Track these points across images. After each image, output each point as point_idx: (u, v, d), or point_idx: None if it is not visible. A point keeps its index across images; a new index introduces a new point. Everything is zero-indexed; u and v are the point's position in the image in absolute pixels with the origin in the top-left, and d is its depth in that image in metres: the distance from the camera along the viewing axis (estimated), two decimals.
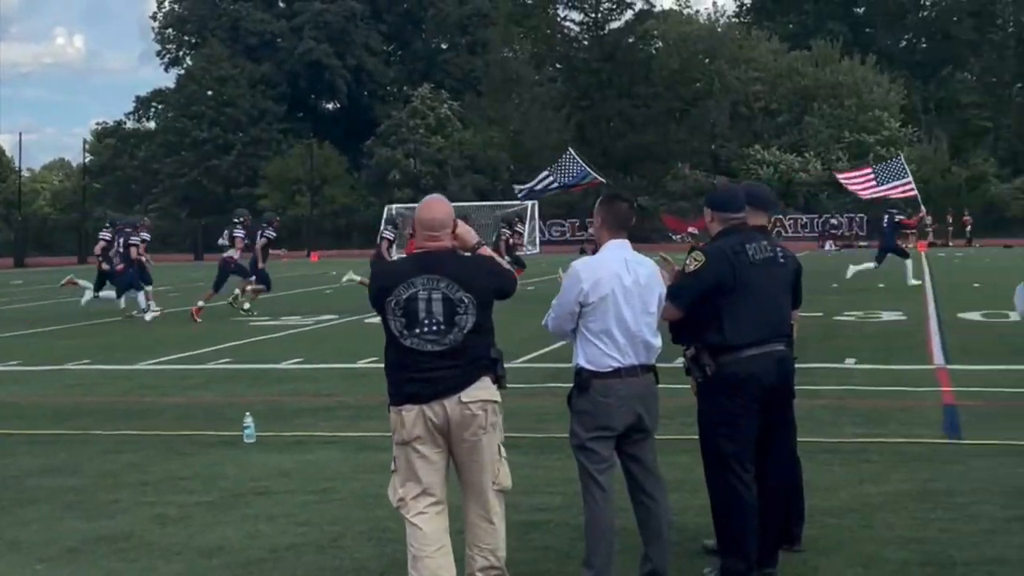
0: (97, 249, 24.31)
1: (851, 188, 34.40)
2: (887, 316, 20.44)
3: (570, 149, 38.47)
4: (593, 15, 75.50)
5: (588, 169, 34.91)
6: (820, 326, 18.78)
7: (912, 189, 30.88)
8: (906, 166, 31.20)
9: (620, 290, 6.12)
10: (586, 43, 76.39)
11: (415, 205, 6.04)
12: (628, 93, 70.28)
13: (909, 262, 28.08)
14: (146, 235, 24.20)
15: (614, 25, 75.15)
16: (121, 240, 23.62)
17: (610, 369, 6.08)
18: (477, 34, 79.96)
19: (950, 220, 58.53)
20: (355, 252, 60.31)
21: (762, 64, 73.40)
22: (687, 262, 6.48)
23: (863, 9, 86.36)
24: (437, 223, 5.91)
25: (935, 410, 11.33)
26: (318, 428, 11.08)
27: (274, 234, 24.78)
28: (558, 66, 78.97)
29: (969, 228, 56.78)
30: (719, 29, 79.14)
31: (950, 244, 57.49)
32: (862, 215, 61.12)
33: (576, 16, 77.28)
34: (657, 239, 46.46)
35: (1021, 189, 64.76)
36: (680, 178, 64.68)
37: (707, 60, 74.54)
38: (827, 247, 55.43)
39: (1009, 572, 6.51)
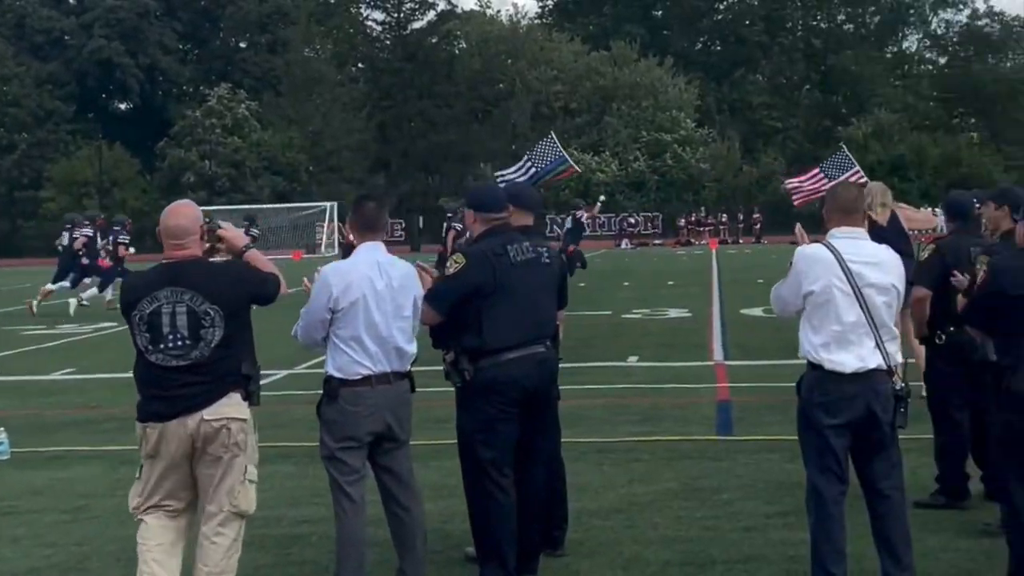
0: (78, 245, 24.33)
1: (802, 194, 34.38)
2: (673, 313, 20.79)
3: (551, 134, 38.03)
4: (396, 15, 75.16)
5: (565, 156, 34.58)
6: (608, 324, 19.00)
7: (862, 176, 31.91)
8: (851, 156, 32.25)
9: (372, 294, 5.94)
10: (388, 43, 75.99)
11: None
12: (430, 93, 70.20)
13: None
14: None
15: (416, 25, 74.97)
16: (111, 238, 24.85)
17: (359, 377, 5.91)
18: (277, 33, 78.74)
19: (740, 217, 60.34)
20: (147, 257, 58.55)
21: (563, 65, 74.29)
22: (447, 264, 6.34)
23: (661, 12, 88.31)
24: (181, 230, 5.64)
25: (710, 407, 11.49)
26: (80, 442, 10.58)
27: (127, 238, 25.04)
28: (360, 66, 78.40)
29: (759, 226, 58.58)
30: (521, 30, 79.87)
31: (740, 241, 59.22)
32: (658, 213, 62.56)
33: (379, 16, 76.88)
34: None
35: None
36: (481, 178, 64.95)
37: (509, 61, 75.08)
38: (624, 245, 56.38)
39: (767, 569, 6.56)
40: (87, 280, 24.69)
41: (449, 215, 19.58)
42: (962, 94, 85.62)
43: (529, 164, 35.37)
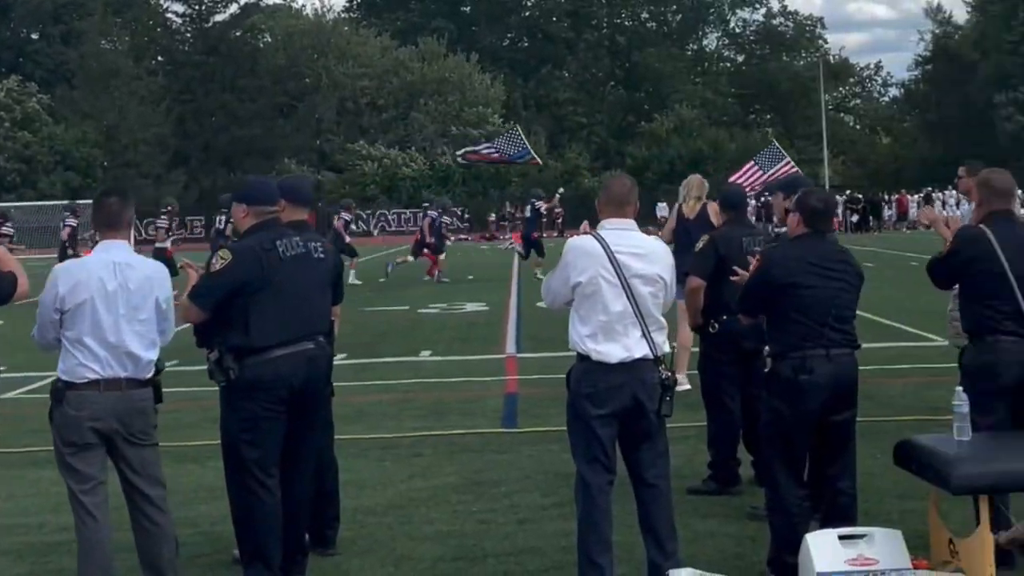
0: (64, 235, 24.60)
1: (745, 182, 35.93)
2: (471, 308, 20.77)
3: (517, 127, 38.65)
4: (197, 7, 73.43)
5: (528, 148, 35.58)
6: (404, 320, 18.88)
7: (794, 167, 33.15)
8: (781, 149, 33.43)
9: (101, 296, 5.66)
10: (189, 36, 74.24)
11: None
12: (233, 87, 68.81)
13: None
14: None
15: (219, 18, 73.43)
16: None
17: (86, 380, 5.63)
18: (72, 24, 76.09)
19: (545, 211, 60.83)
20: None
21: (370, 60, 73.79)
22: (213, 260, 6.11)
23: (469, 8, 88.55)
24: None
25: (497, 400, 11.47)
26: None
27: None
28: (159, 59, 76.40)
29: (560, 220, 59.19)
30: (328, 24, 79.04)
31: (543, 235, 59.65)
32: (463, 208, 62.62)
33: (179, 8, 74.97)
34: None
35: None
36: (285, 174, 64.12)
37: (315, 56, 74.21)
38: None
39: (538, 560, 6.54)
40: None
41: (224, 209, 19.27)
42: (758, 91, 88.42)
43: (493, 149, 36.28)
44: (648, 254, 5.85)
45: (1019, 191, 10.26)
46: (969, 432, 5.59)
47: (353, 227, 29.74)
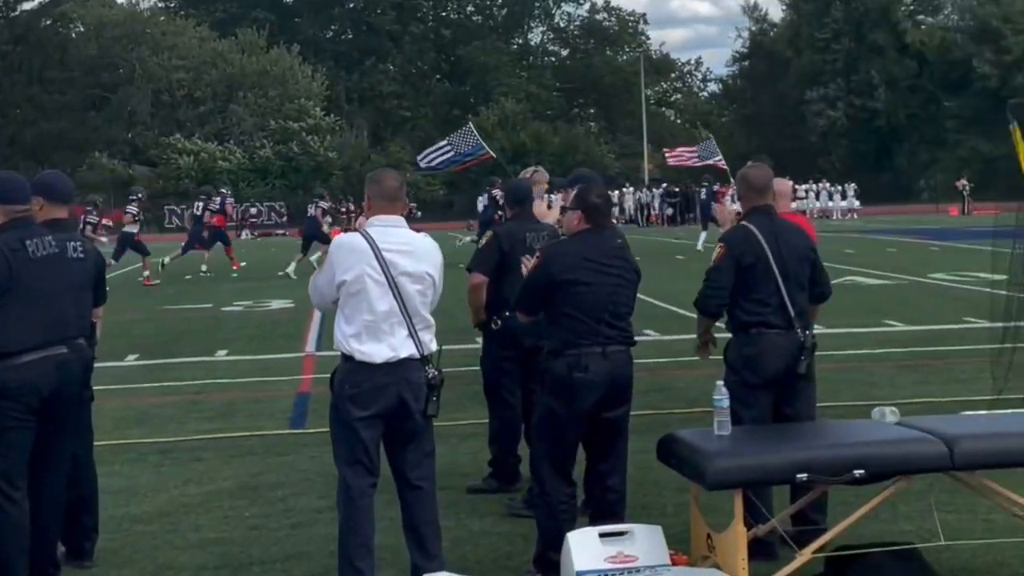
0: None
1: (678, 159, 42.18)
2: (276, 305, 20.33)
3: (469, 123, 40.49)
4: None
5: (482, 143, 37.02)
6: (205, 318, 18.42)
7: (723, 164, 35.74)
8: (716, 146, 38.55)
9: None
10: None
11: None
12: (41, 79, 66.26)
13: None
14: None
15: (27, 6, 70.72)
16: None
17: None
18: None
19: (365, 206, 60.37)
20: None
21: (187, 51, 72.03)
22: None
23: None
24: None
25: (288, 400, 11.21)
26: None
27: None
28: None
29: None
30: (144, 15, 76.91)
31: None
32: (282, 203, 61.76)
33: None
34: None
35: (433, 176, 68.26)
36: (97, 167, 62.21)
37: (129, 46, 72.08)
38: (243, 236, 55.08)
39: (305, 566, 6.36)
40: None
41: None
42: (582, 85, 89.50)
43: (448, 148, 36.28)
44: (416, 251, 5.73)
45: (794, 185, 10.51)
46: (729, 427, 5.60)
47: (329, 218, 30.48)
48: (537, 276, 6.18)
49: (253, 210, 60.17)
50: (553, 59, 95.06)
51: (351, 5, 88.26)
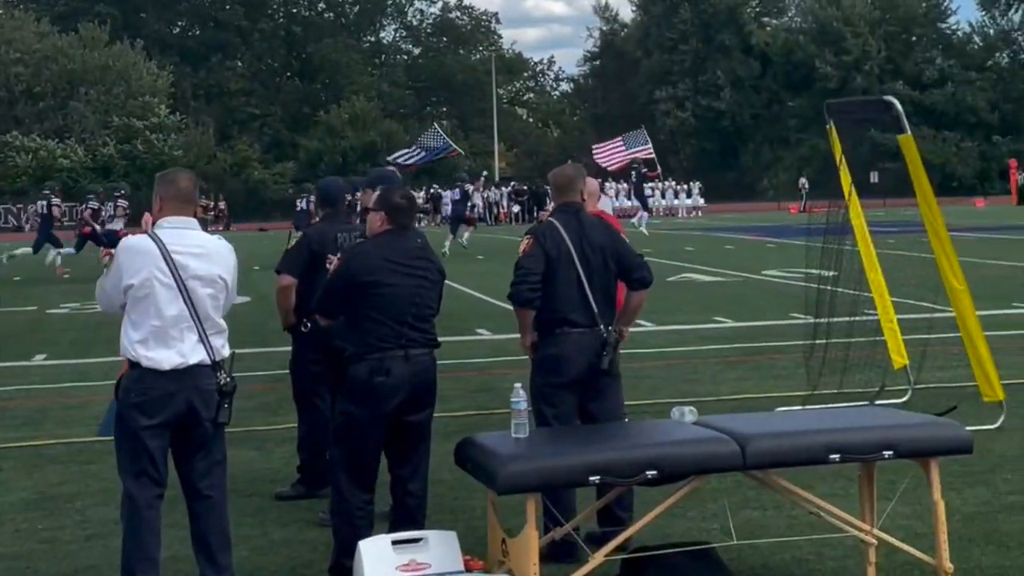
0: (86, 215, 27.47)
1: (603, 155, 42.80)
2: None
3: (435, 124, 44.45)
4: None
5: (449, 141, 40.26)
6: (27, 321, 17.81)
7: (651, 152, 38.42)
8: (647, 136, 40.08)
9: None
10: None
11: None
12: None
13: None
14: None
15: None
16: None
17: None
18: None
19: (211, 205, 59.42)
20: None
21: (26, 46, 69.81)
22: None
23: None
24: None
25: (103, 405, 10.77)
26: None
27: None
28: None
29: (214, 214, 57.96)
30: None
31: (208, 229, 58.40)
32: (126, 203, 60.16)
33: None
34: None
35: (281, 174, 67.52)
36: None
37: None
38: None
39: None
40: None
41: None
42: (434, 83, 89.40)
43: (418, 149, 40.13)
44: (209, 254, 5.50)
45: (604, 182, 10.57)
46: (526, 429, 5.50)
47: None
48: (337, 278, 6.02)
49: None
50: (405, 57, 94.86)
51: (199, 1, 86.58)
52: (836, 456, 5.34)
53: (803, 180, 59.18)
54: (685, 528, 6.66)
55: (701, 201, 59.37)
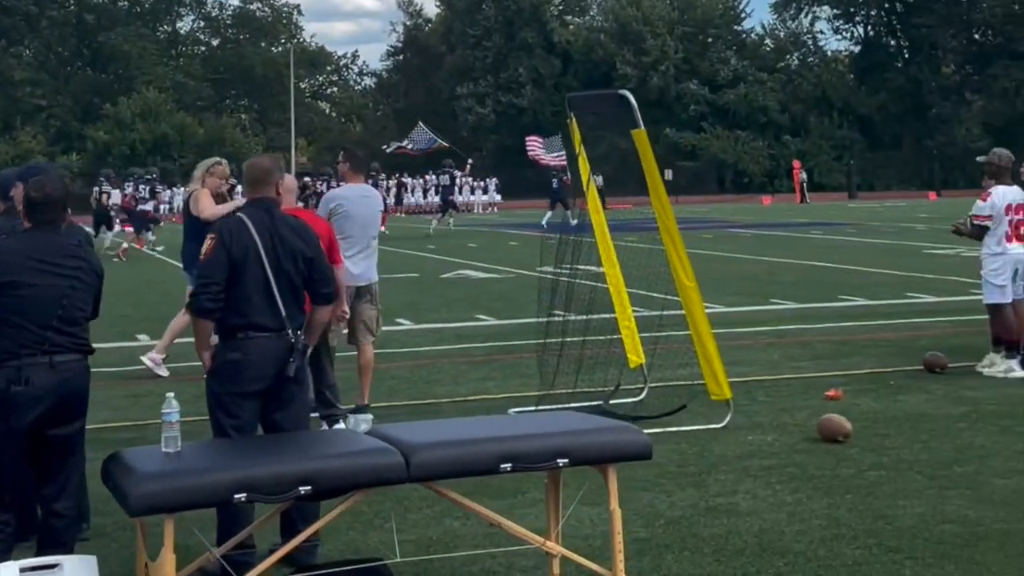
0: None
1: (536, 151, 45.82)
2: None
3: (420, 123, 49.14)
4: None
5: (435, 137, 46.34)
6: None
7: (564, 159, 38.46)
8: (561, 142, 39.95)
9: None
10: None
11: None
12: None
13: None
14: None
15: None
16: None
17: None
18: None
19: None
20: None
21: None
22: None
23: None
24: None
25: None
26: None
27: None
28: None
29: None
30: None
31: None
32: None
33: None
34: None
35: (67, 168, 65.00)
36: None
37: None
38: None
39: None
40: None
41: None
42: (233, 76, 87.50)
43: (408, 142, 46.99)
44: None
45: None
46: (177, 443, 5.02)
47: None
48: None
49: None
50: (203, 49, 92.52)
51: None
52: (508, 465, 5.04)
53: (598, 177, 59.73)
54: (380, 540, 6.32)
55: (497, 197, 59.46)
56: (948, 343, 11.90)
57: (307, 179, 35.52)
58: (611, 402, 9.65)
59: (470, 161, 44.58)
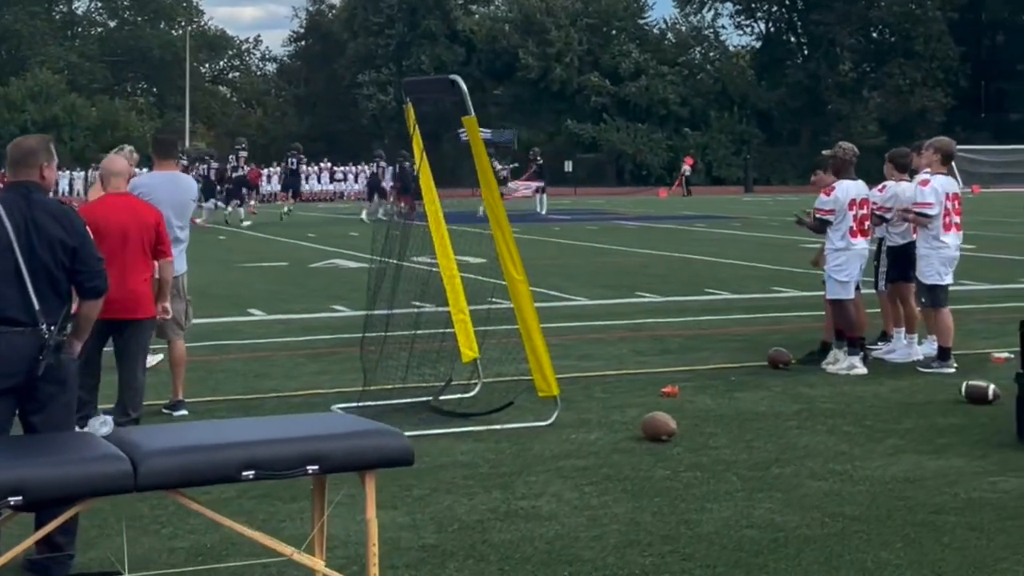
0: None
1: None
2: None
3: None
4: None
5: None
6: None
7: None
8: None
9: None
10: None
11: None
12: None
13: None
14: None
15: None
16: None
17: None
18: None
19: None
20: None
21: None
22: None
23: None
24: None
25: None
26: None
27: None
28: None
29: None
30: None
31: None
32: None
33: None
34: None
35: None
36: None
37: None
38: None
39: None
40: None
41: None
42: (130, 58, 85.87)
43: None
44: None
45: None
46: None
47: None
48: None
49: None
50: (100, 30, 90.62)
51: None
52: (250, 473, 4.66)
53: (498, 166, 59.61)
54: (150, 547, 5.91)
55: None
56: (802, 338, 11.74)
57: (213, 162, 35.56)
58: (441, 398, 9.31)
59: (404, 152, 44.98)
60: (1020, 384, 7.99)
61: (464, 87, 8.92)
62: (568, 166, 64.02)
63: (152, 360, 10.84)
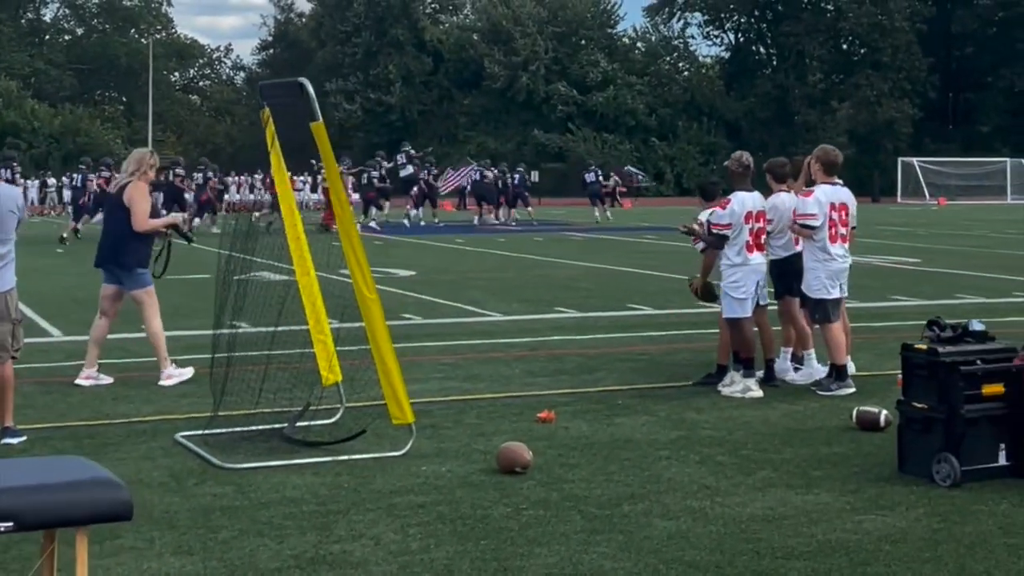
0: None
1: None
2: None
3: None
4: None
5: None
6: None
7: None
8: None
9: None
10: None
11: None
12: None
13: None
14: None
15: None
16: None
17: None
18: None
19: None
20: None
21: None
22: None
23: None
24: None
25: None
26: None
27: None
28: None
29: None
30: None
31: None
32: None
33: None
34: None
35: None
36: None
37: None
38: None
39: None
40: None
41: None
42: (98, 65, 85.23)
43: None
44: None
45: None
46: None
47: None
48: None
49: None
50: (68, 37, 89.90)
51: None
52: None
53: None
54: None
55: (355, 196, 58.09)
56: (708, 357, 11.13)
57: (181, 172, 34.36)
58: (299, 424, 8.68)
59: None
60: (901, 412, 7.43)
61: (312, 91, 8.30)
62: (535, 176, 63.41)
63: (186, 373, 10.28)
